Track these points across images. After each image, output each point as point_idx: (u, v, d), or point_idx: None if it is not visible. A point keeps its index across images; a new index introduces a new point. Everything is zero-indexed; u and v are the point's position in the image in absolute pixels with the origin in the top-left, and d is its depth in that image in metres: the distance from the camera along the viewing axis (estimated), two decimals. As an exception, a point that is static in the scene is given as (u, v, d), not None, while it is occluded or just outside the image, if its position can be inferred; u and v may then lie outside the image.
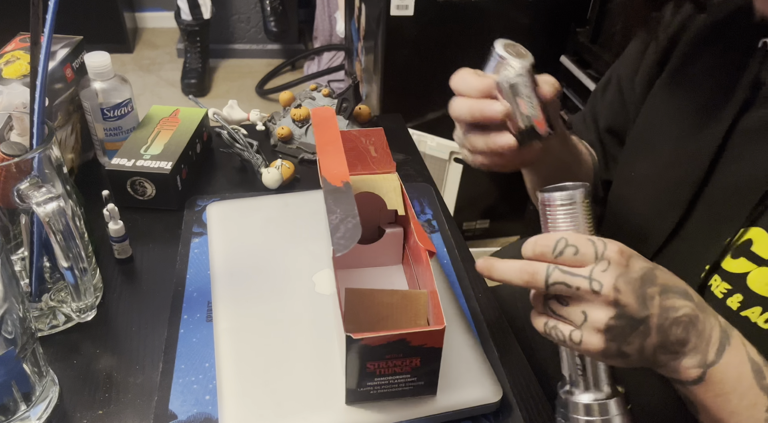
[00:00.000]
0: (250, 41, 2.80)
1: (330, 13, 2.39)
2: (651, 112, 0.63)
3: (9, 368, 0.46)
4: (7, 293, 0.44)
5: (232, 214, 0.67)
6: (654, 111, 0.63)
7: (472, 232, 1.86)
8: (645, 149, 0.63)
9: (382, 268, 0.62)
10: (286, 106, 0.90)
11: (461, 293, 0.64)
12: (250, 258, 0.62)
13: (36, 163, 0.49)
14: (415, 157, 0.86)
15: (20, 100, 0.64)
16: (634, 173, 0.63)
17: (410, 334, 0.43)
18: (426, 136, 1.53)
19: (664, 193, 0.58)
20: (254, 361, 0.51)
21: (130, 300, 0.62)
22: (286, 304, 0.57)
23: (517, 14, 1.45)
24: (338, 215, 0.47)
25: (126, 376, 0.54)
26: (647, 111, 0.64)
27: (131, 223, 0.71)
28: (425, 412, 0.49)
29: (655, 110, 0.63)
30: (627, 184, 0.65)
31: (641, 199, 0.61)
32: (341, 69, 2.40)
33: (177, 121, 0.79)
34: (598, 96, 0.74)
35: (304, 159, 0.84)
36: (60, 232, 0.47)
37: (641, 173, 0.62)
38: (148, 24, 2.97)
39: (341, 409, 0.48)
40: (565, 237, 0.41)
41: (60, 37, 0.75)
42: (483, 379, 0.51)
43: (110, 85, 0.74)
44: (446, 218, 0.74)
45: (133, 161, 0.71)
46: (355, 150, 0.59)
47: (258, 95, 2.54)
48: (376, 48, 1.52)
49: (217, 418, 0.49)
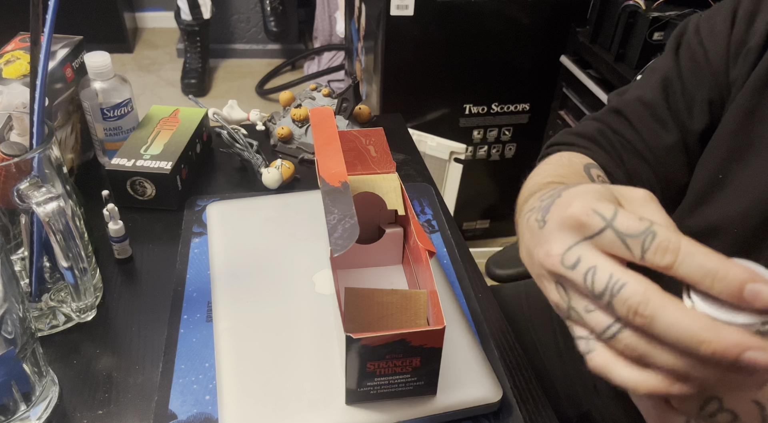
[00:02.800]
0: (250, 41, 2.80)
1: (330, 13, 2.39)
2: (753, 105, 0.52)
3: (9, 368, 0.46)
4: (7, 293, 0.44)
5: (232, 214, 0.67)
6: (759, 103, 0.52)
7: (472, 232, 1.86)
8: (744, 149, 0.53)
9: (382, 268, 0.62)
10: (286, 106, 0.90)
11: (461, 293, 0.64)
12: (250, 258, 0.62)
13: (36, 163, 0.49)
14: (415, 157, 0.86)
15: (20, 100, 0.64)
16: (726, 177, 0.53)
17: (410, 334, 0.43)
18: (426, 136, 1.53)
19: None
20: (254, 361, 0.51)
21: (130, 300, 0.62)
22: (286, 304, 0.57)
23: (517, 14, 1.45)
24: (336, 215, 0.47)
25: (126, 376, 0.54)
26: (745, 102, 0.53)
27: (131, 223, 0.71)
28: (425, 412, 0.49)
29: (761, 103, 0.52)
30: (716, 188, 0.55)
31: (739, 211, 0.52)
32: (341, 69, 2.40)
33: (177, 121, 0.79)
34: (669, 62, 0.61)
35: (304, 159, 0.84)
36: (60, 232, 0.47)
37: (740, 179, 0.52)
38: (148, 24, 2.97)
39: (341, 409, 0.48)
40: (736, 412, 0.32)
41: (60, 37, 0.74)
42: (483, 379, 0.51)
43: (110, 85, 0.74)
44: (446, 218, 0.74)
45: (133, 161, 0.71)
46: (355, 150, 0.59)
47: (258, 95, 2.54)
48: (376, 48, 1.52)
49: (217, 418, 0.49)
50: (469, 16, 1.44)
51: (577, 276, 0.32)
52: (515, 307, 0.85)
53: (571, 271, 0.32)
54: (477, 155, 1.69)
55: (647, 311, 0.29)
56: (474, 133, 1.64)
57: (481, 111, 1.61)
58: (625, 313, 0.30)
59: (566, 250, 0.33)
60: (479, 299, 0.63)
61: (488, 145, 1.68)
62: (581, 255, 0.32)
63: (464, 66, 1.52)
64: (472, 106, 1.59)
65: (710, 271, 0.28)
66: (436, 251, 0.58)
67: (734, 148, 0.53)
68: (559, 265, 0.33)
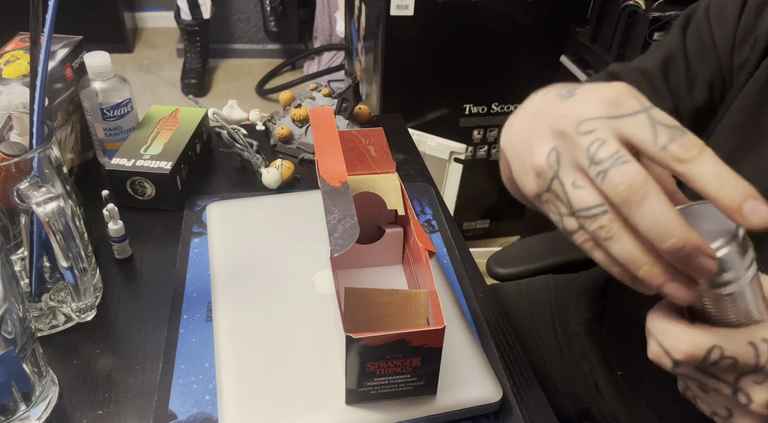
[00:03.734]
0: (250, 41, 2.80)
1: (330, 13, 2.39)
2: (763, 97, 0.52)
3: (9, 368, 0.46)
4: (7, 293, 0.44)
5: (232, 214, 0.67)
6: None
7: (472, 232, 1.86)
8: (754, 140, 0.52)
9: (382, 268, 0.62)
10: (286, 106, 0.90)
11: (461, 293, 0.64)
12: (250, 258, 0.62)
13: (36, 163, 0.49)
14: (415, 157, 0.86)
15: (20, 100, 0.64)
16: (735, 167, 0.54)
17: (410, 334, 0.43)
18: (426, 136, 1.53)
19: None
20: (254, 361, 0.51)
21: (130, 300, 0.62)
22: (286, 304, 0.57)
23: (517, 14, 1.45)
24: (336, 215, 0.47)
25: (126, 376, 0.54)
26: (755, 93, 0.53)
27: (131, 223, 0.71)
28: (425, 412, 0.49)
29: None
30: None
31: None
32: (341, 69, 2.40)
33: (177, 121, 0.79)
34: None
35: (304, 159, 0.84)
36: (60, 232, 0.47)
37: (750, 169, 0.50)
38: (148, 24, 2.97)
39: (341, 409, 0.48)
40: (722, 346, 0.33)
41: (60, 37, 0.74)
42: (483, 379, 0.51)
43: (110, 85, 0.74)
44: (446, 218, 0.74)
45: (133, 161, 0.71)
46: (355, 150, 0.59)
47: (258, 95, 2.54)
48: (376, 48, 1.52)
49: (217, 418, 0.49)
50: (469, 16, 1.44)
51: (583, 142, 0.32)
52: (516, 305, 0.85)
53: (581, 136, 0.32)
54: (477, 155, 1.69)
55: (643, 190, 0.30)
56: (474, 133, 1.65)
57: (481, 111, 1.61)
58: (618, 184, 0.30)
59: (586, 118, 0.33)
60: (479, 299, 0.63)
61: (488, 145, 1.68)
62: (597, 127, 0.32)
63: (464, 66, 1.52)
64: (472, 106, 1.59)
65: (722, 176, 0.29)
66: (436, 251, 0.58)
67: (744, 138, 0.53)
68: (572, 128, 0.33)
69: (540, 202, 0.36)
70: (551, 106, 0.36)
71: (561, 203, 0.34)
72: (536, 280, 0.89)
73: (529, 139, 0.36)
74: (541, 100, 0.39)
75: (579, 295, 0.81)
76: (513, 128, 0.41)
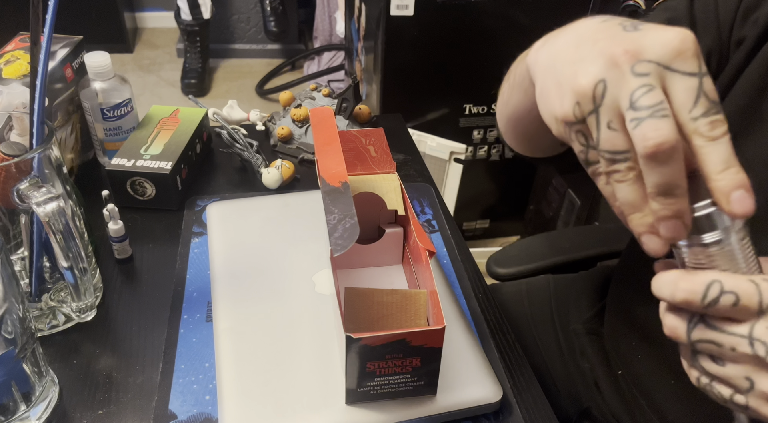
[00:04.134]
0: (250, 41, 2.80)
1: (330, 13, 2.39)
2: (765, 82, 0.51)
3: (9, 368, 0.46)
4: (7, 293, 0.44)
5: (232, 214, 0.67)
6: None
7: (472, 232, 1.86)
8: (754, 125, 0.52)
9: (382, 268, 0.62)
10: (286, 106, 0.90)
11: (461, 293, 0.64)
12: (250, 258, 0.62)
13: (36, 163, 0.49)
14: (415, 157, 0.86)
15: (20, 100, 0.64)
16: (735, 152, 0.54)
17: (410, 334, 0.43)
18: (426, 136, 1.53)
19: None
20: (254, 361, 0.51)
21: (130, 300, 0.62)
22: (286, 304, 0.57)
23: (517, 14, 1.45)
24: (336, 215, 0.47)
25: (126, 376, 0.54)
26: (757, 78, 0.52)
27: (131, 223, 0.71)
28: (425, 412, 0.49)
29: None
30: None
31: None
32: (341, 69, 2.40)
33: (177, 121, 0.79)
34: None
35: (304, 159, 0.84)
36: (60, 232, 0.47)
37: (750, 155, 0.50)
38: (148, 24, 2.97)
39: (341, 409, 0.48)
40: (720, 280, 0.33)
41: (60, 37, 0.74)
42: (483, 379, 0.51)
43: (110, 85, 0.74)
44: (446, 218, 0.74)
45: (133, 161, 0.71)
46: (355, 150, 0.59)
47: (258, 95, 2.54)
48: (376, 48, 1.52)
49: (217, 418, 0.49)
50: (469, 16, 1.44)
51: (633, 83, 0.32)
52: (516, 305, 0.85)
53: (634, 76, 0.32)
54: (477, 155, 1.69)
55: (669, 152, 0.31)
56: (474, 133, 1.64)
57: (481, 111, 1.61)
58: (649, 138, 0.31)
59: (645, 59, 0.32)
60: (479, 299, 0.63)
61: (488, 145, 1.68)
62: (652, 72, 0.32)
63: (464, 66, 1.52)
64: (472, 106, 1.59)
65: (727, 163, 0.31)
66: (436, 251, 0.58)
67: (745, 123, 0.53)
68: (629, 64, 0.33)
69: (567, 129, 0.36)
70: (611, 34, 0.35)
71: (590, 137, 0.35)
72: (536, 280, 0.89)
73: (576, 60, 0.35)
74: (598, 25, 0.38)
75: (579, 294, 0.81)
76: (554, 46, 0.40)
